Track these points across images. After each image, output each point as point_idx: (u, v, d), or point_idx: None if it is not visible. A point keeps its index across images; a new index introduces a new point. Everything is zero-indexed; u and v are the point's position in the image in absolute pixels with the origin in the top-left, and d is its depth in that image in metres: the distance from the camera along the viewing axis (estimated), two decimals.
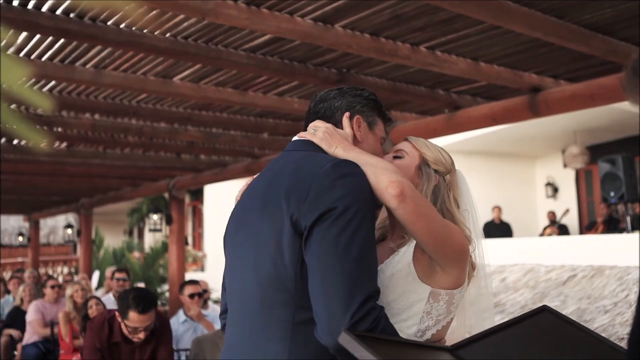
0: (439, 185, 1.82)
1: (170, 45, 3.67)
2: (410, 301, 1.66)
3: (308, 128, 1.82)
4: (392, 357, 1.27)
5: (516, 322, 1.60)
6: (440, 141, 9.16)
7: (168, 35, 3.65)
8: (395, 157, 1.85)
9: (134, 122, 5.78)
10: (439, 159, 1.84)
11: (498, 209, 11.87)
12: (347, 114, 1.79)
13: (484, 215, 11.84)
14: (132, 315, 3.35)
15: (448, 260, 1.65)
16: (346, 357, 1.45)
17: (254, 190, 1.75)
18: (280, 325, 1.56)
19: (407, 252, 1.69)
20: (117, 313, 3.47)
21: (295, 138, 1.82)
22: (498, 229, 11.62)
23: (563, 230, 11.27)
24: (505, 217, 11.92)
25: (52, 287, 7.20)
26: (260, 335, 1.60)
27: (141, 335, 3.35)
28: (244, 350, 1.64)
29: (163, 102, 5.16)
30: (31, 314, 7.02)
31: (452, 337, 1.72)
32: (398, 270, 1.68)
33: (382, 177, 1.57)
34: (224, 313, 1.87)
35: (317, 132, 1.75)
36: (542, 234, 11.19)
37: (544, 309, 1.67)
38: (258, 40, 3.75)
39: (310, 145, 1.75)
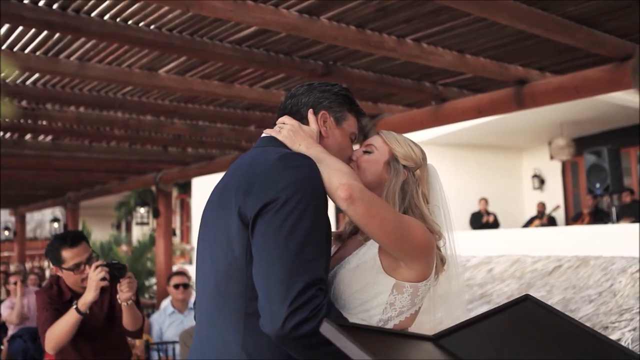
0: (407, 180, 1.82)
1: (155, 37, 3.64)
2: (374, 292, 1.68)
3: (276, 126, 1.83)
4: (374, 347, 1.27)
5: (499, 311, 1.60)
6: (428, 134, 9.21)
7: (153, 27, 3.63)
8: (365, 152, 1.86)
9: (119, 115, 5.75)
10: (409, 154, 1.84)
11: (485, 200, 11.93)
12: (311, 110, 1.80)
13: (471, 207, 11.91)
14: (66, 254, 3.19)
15: (408, 257, 1.67)
16: (290, 348, 1.47)
17: (217, 187, 1.77)
18: (235, 316, 1.59)
19: (373, 244, 1.70)
20: (55, 268, 3.30)
21: (263, 134, 1.84)
22: (484, 220, 11.69)
23: (551, 222, 11.35)
24: (492, 209, 11.98)
25: (15, 283, 7.21)
26: (217, 326, 1.63)
27: (88, 272, 3.11)
28: (204, 341, 1.68)
29: (149, 94, 5.13)
30: (3, 314, 7.11)
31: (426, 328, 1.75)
32: (364, 262, 1.70)
33: (334, 178, 1.58)
34: (195, 304, 1.90)
35: (282, 129, 1.77)
36: (529, 225, 11.26)
37: (527, 298, 1.68)
38: (243, 32, 3.74)
39: (276, 141, 1.76)
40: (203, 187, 14.75)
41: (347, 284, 1.70)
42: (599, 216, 9.93)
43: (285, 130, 1.76)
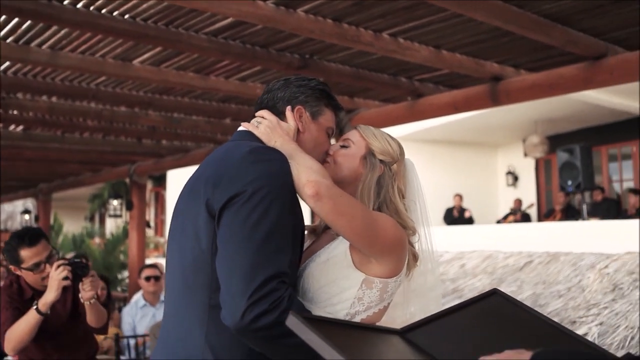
0: (384, 175, 1.82)
1: (129, 26, 3.59)
2: (343, 286, 1.68)
3: (253, 120, 1.82)
4: (340, 340, 1.27)
5: (467, 305, 1.61)
6: (404, 129, 9.25)
7: (127, 16, 3.58)
8: (342, 147, 1.86)
9: (92, 105, 5.67)
10: (386, 149, 1.84)
11: (459, 197, 12.04)
12: (289, 106, 1.79)
13: (447, 203, 12.00)
14: (24, 253, 3.08)
15: (378, 254, 1.67)
16: (249, 340, 1.47)
17: (189, 180, 1.77)
18: (199, 307, 1.59)
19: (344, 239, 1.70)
20: (13, 268, 3.19)
21: (240, 128, 1.83)
22: (459, 216, 11.80)
23: (526, 219, 11.48)
24: (467, 205, 12.09)
25: None
26: (182, 318, 1.64)
27: (49, 271, 3.04)
28: (170, 332, 1.68)
29: (123, 85, 5.06)
30: None
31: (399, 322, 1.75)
32: (334, 256, 1.70)
33: (302, 175, 1.59)
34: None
35: (260, 125, 1.77)
36: (503, 221, 11.37)
37: (494, 292, 1.69)
38: (219, 23, 3.70)
39: (251, 136, 1.76)
40: (178, 179, 14.64)
41: (316, 277, 1.70)
42: (571, 213, 10.07)
43: (263, 126, 1.76)
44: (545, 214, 11.70)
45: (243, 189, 1.52)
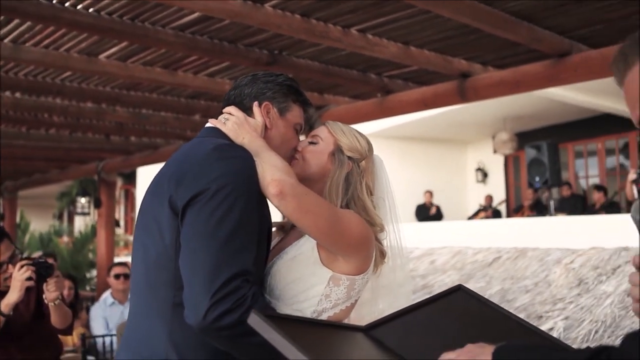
0: (352, 172, 1.81)
1: (93, 20, 3.53)
2: (310, 283, 1.68)
3: (221, 116, 1.80)
4: (303, 338, 1.26)
5: (431, 301, 1.61)
6: (375, 126, 9.26)
7: (91, 10, 3.51)
8: (310, 143, 1.84)
9: (58, 101, 5.56)
10: (354, 145, 1.83)
11: (430, 193, 12.12)
12: (256, 102, 1.78)
13: (418, 199, 12.08)
14: None
15: (344, 251, 1.67)
16: (213, 339, 1.46)
17: (155, 176, 1.75)
18: (162, 305, 1.58)
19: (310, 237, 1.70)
20: None
21: (207, 124, 1.81)
22: (429, 212, 11.88)
23: (497, 215, 11.61)
24: (437, 201, 12.18)
25: None
26: (145, 314, 1.62)
27: (12, 271, 2.98)
28: (133, 329, 1.67)
29: (89, 80, 4.98)
30: None
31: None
32: (301, 252, 1.69)
33: (267, 173, 1.58)
34: None
35: (227, 122, 1.75)
36: (474, 217, 11.48)
37: (459, 288, 1.70)
38: (186, 18, 3.66)
39: (218, 132, 1.74)
40: (148, 177, 14.39)
41: (284, 274, 1.69)
42: (539, 209, 10.21)
43: (230, 122, 1.74)
44: (514, 210, 11.85)
45: (206, 187, 1.50)
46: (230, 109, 1.79)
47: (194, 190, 1.51)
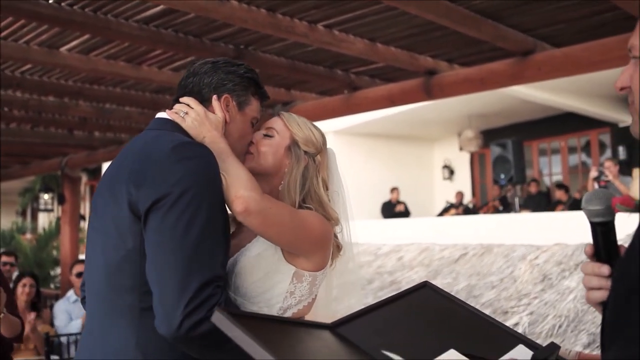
0: (308, 166, 1.78)
1: (53, 12, 3.43)
2: (275, 281, 1.67)
3: (178, 107, 1.71)
4: (269, 336, 1.23)
5: (397, 298, 1.61)
6: (342, 123, 9.25)
7: (52, 1, 3.42)
8: (265, 136, 1.80)
9: (18, 94, 5.42)
10: (310, 139, 1.80)
11: (396, 190, 12.18)
12: (215, 96, 1.70)
13: (384, 196, 12.13)
14: None
15: (307, 251, 1.67)
16: (188, 348, 1.44)
17: (107, 171, 1.68)
18: (127, 311, 1.52)
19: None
20: None
21: (160, 115, 1.73)
22: (395, 209, 11.94)
23: (468, 212, 11.74)
24: (404, 198, 12.25)
25: None
26: (107, 319, 1.56)
27: None
28: (95, 333, 1.60)
29: (50, 74, 4.86)
30: None
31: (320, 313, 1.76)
32: (265, 249, 1.67)
33: (231, 188, 1.56)
34: (84, 285, 1.78)
35: (187, 117, 1.67)
36: (444, 214, 11.58)
37: (425, 285, 1.69)
38: (150, 11, 3.59)
39: (172, 124, 1.67)
40: None
41: (249, 272, 1.67)
42: (504, 206, 10.35)
43: (190, 118, 1.66)
44: (480, 207, 12.00)
45: (169, 191, 1.44)
46: (189, 100, 1.70)
47: (155, 195, 1.45)
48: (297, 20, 3.72)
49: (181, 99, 1.72)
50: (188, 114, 1.67)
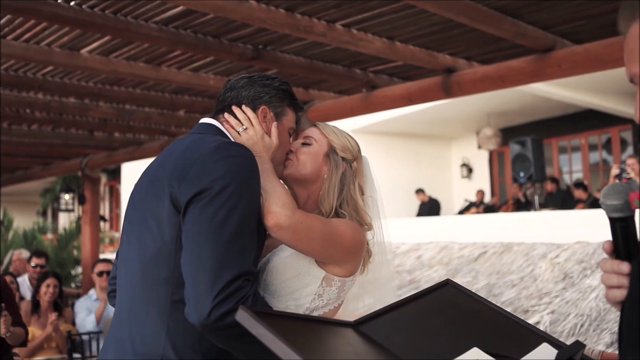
0: (345, 172, 1.85)
1: (74, 14, 3.47)
2: (305, 282, 1.71)
3: (241, 118, 1.78)
4: (293, 335, 1.24)
5: (420, 296, 1.61)
6: (360, 122, 9.25)
7: (73, 3, 3.46)
8: (304, 144, 1.87)
9: (40, 96, 5.49)
10: (347, 146, 1.88)
11: (422, 192, 12.15)
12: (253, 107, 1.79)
13: (403, 194, 12.10)
14: None
15: (338, 260, 1.72)
16: (215, 338, 1.47)
17: (148, 170, 1.75)
18: (160, 302, 1.57)
19: None
20: None
21: (204, 120, 1.81)
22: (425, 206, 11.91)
23: (489, 210, 11.67)
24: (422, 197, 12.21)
25: None
26: (140, 311, 1.61)
27: None
28: (124, 325, 1.65)
29: (71, 75, 4.91)
30: None
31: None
32: (297, 251, 1.72)
33: (266, 204, 1.62)
34: (113, 279, 1.86)
35: (244, 133, 1.75)
36: (465, 212, 11.52)
37: (447, 283, 1.69)
38: (169, 12, 3.61)
39: (215, 129, 1.76)
40: (133, 173, 14.36)
41: (280, 271, 1.72)
42: (524, 204, 10.28)
43: (247, 136, 1.75)
44: (499, 205, 11.92)
45: (210, 185, 1.51)
46: (252, 116, 1.78)
47: (196, 188, 1.52)
48: (316, 20, 3.72)
49: (244, 110, 1.79)
50: (247, 130, 1.75)
